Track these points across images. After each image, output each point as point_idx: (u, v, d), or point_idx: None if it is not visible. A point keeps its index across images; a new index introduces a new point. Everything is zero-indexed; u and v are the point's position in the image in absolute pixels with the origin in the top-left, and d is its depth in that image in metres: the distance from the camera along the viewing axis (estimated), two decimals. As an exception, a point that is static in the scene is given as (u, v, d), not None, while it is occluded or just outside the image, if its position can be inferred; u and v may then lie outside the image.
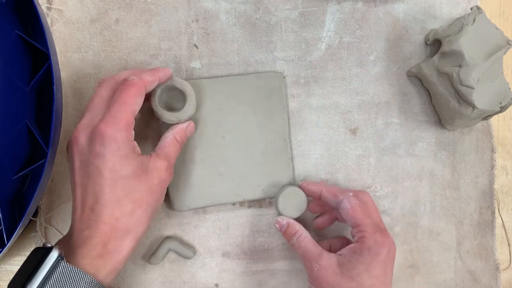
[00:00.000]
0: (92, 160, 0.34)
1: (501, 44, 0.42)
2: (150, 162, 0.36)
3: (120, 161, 0.34)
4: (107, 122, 0.34)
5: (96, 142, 0.34)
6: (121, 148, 0.34)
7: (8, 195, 0.35)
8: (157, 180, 0.36)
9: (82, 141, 0.35)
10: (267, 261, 0.46)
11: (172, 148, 0.39)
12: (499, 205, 0.50)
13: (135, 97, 0.36)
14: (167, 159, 0.38)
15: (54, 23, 0.44)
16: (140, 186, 0.35)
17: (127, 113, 0.35)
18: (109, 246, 0.34)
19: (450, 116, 0.45)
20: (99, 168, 0.34)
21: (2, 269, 0.45)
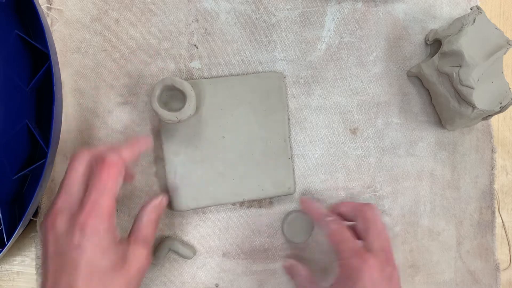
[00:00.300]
0: (69, 251, 0.32)
1: (501, 44, 0.42)
2: (129, 251, 0.34)
3: (100, 254, 0.32)
4: (89, 213, 0.32)
5: (75, 233, 0.32)
6: (102, 241, 0.33)
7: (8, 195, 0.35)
8: (136, 269, 0.34)
9: (60, 227, 0.32)
10: (267, 261, 0.46)
11: (149, 230, 0.37)
12: (499, 205, 0.50)
13: (115, 179, 0.34)
14: (146, 244, 0.36)
15: (54, 23, 0.44)
16: (118, 279, 0.33)
17: (109, 200, 0.33)
18: None
19: (450, 116, 0.45)
20: (75, 261, 0.31)
21: (2, 269, 0.45)
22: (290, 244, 0.47)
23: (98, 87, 0.45)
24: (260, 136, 0.45)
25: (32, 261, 0.45)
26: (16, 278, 0.45)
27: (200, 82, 0.44)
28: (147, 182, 0.45)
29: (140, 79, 0.45)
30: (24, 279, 0.45)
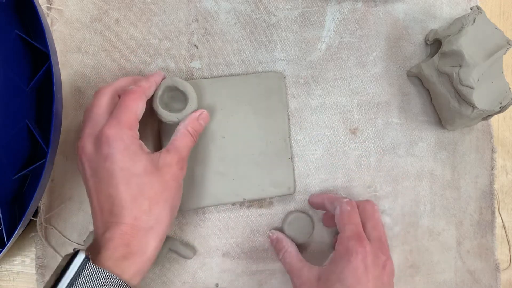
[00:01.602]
0: (102, 164, 0.34)
1: (501, 44, 0.42)
2: (160, 159, 0.36)
3: (130, 159, 0.34)
4: (111, 124, 0.35)
5: (103, 145, 0.34)
6: (129, 147, 0.34)
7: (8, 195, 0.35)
8: (169, 175, 0.36)
9: (89, 148, 0.35)
10: (267, 261, 0.46)
11: (184, 141, 0.38)
12: (499, 205, 0.50)
13: (137, 101, 0.36)
14: (178, 153, 0.37)
15: (54, 23, 0.44)
16: (154, 182, 0.35)
17: (130, 115, 0.36)
18: (132, 246, 0.33)
19: (450, 116, 0.45)
20: (110, 170, 0.34)
21: (2, 269, 0.45)
22: (290, 244, 0.47)
23: (98, 87, 0.45)
24: (260, 136, 0.45)
25: (32, 261, 0.45)
26: (16, 278, 0.45)
27: (200, 82, 0.44)
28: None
29: (140, 79, 0.45)
30: (24, 279, 0.45)
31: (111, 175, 0.34)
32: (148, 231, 0.34)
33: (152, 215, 0.34)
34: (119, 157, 0.34)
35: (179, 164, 0.37)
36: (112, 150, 0.34)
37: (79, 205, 0.44)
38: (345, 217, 0.38)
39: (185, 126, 0.39)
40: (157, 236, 0.35)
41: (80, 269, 0.31)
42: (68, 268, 0.31)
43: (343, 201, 0.40)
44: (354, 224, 0.38)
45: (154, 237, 0.35)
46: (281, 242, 0.43)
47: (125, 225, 0.33)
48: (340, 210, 0.39)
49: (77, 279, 0.30)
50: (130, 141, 0.35)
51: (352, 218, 0.38)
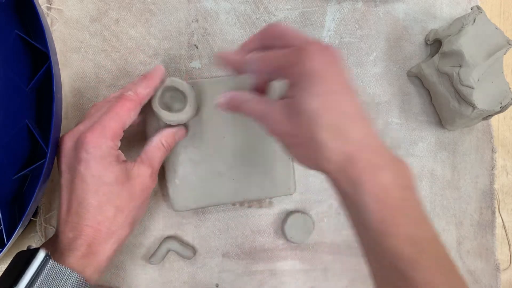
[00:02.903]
0: (77, 165, 0.35)
1: (501, 44, 0.42)
2: (134, 169, 0.37)
3: (103, 168, 0.35)
4: (94, 130, 0.35)
5: (81, 148, 0.34)
6: (105, 156, 0.35)
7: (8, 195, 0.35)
8: (140, 187, 0.37)
9: (68, 145, 0.36)
10: (267, 261, 0.46)
11: (157, 153, 0.39)
12: (499, 205, 0.50)
13: (129, 110, 0.36)
14: (151, 165, 0.38)
15: (54, 23, 0.44)
16: (122, 192, 0.36)
17: (116, 123, 0.36)
18: (93, 247, 0.34)
19: (450, 116, 0.45)
20: (82, 174, 0.34)
21: (2, 269, 0.45)
22: (290, 244, 0.47)
23: (98, 87, 0.45)
24: (260, 136, 0.45)
25: (32, 261, 0.45)
26: (16, 278, 0.45)
27: (200, 82, 0.44)
28: (147, 182, 0.45)
29: (140, 79, 0.45)
30: (24, 279, 0.45)
31: (82, 179, 0.34)
32: (109, 236, 0.35)
33: (115, 222, 0.35)
34: (93, 164, 0.34)
35: (151, 176, 0.38)
36: (87, 156, 0.34)
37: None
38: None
39: (160, 139, 0.39)
40: (118, 241, 0.36)
41: (41, 267, 0.31)
42: (29, 266, 0.31)
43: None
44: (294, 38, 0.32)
45: (114, 241, 0.36)
46: (235, 99, 0.36)
47: (88, 228, 0.34)
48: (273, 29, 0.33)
49: (37, 277, 0.31)
50: (108, 151, 0.35)
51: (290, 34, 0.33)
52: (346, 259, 0.47)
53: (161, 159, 0.39)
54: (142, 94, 0.38)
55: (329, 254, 0.47)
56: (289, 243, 0.46)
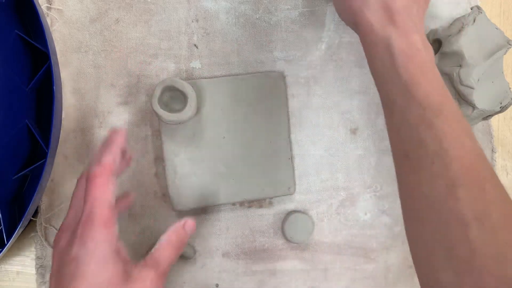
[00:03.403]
0: (68, 264, 0.31)
1: (501, 44, 0.42)
2: (135, 271, 0.32)
3: (97, 266, 0.30)
4: (84, 224, 0.31)
5: (74, 244, 0.31)
6: (100, 249, 0.31)
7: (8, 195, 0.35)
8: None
9: (63, 242, 0.32)
10: (267, 261, 0.46)
11: (165, 254, 0.34)
12: (499, 205, 0.50)
13: (103, 188, 0.33)
14: (155, 268, 0.33)
15: (54, 23, 0.44)
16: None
17: (102, 209, 0.32)
18: None
19: (450, 116, 0.45)
20: (73, 274, 0.30)
21: (2, 269, 0.45)
22: (290, 244, 0.47)
23: (98, 87, 0.45)
24: (260, 136, 0.45)
25: (32, 261, 0.45)
26: (16, 278, 0.45)
27: (200, 82, 0.44)
28: (147, 182, 0.45)
29: (140, 79, 0.45)
30: (24, 279, 0.45)
31: (72, 279, 0.30)
32: None
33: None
34: (86, 261, 0.30)
35: (154, 281, 0.32)
36: (80, 251, 0.31)
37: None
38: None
39: (168, 236, 0.35)
40: None
41: None
42: None
43: None
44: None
45: None
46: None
47: None
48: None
49: None
50: (103, 243, 0.31)
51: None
52: (346, 259, 0.47)
53: (170, 258, 0.34)
54: (108, 163, 0.34)
55: (329, 254, 0.47)
56: (289, 243, 0.47)
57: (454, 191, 0.29)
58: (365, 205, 0.47)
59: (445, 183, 0.29)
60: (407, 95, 0.32)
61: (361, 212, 0.47)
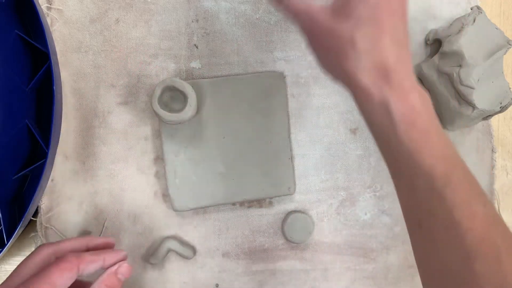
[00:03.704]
0: None
1: (501, 44, 0.42)
2: None
3: None
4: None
5: None
6: None
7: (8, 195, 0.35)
8: None
9: None
10: (267, 261, 0.46)
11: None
12: (500, 205, 0.50)
13: (65, 278, 0.31)
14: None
15: (54, 23, 0.44)
16: None
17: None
18: None
19: (451, 116, 0.45)
20: None
21: (2, 269, 0.45)
22: (290, 244, 0.47)
23: (98, 87, 0.45)
24: (260, 136, 0.45)
25: (32, 261, 0.45)
26: (16, 278, 0.45)
27: (200, 82, 0.44)
28: (147, 182, 0.45)
29: (140, 79, 0.45)
30: (24, 279, 0.45)
31: None
32: None
33: None
34: None
35: None
36: None
37: (79, 205, 0.44)
38: None
39: (99, 284, 0.33)
40: None
41: None
42: None
43: None
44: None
45: None
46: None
47: None
48: None
49: None
50: None
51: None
52: (346, 259, 0.47)
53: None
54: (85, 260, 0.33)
55: (329, 254, 0.47)
56: (289, 243, 0.47)
57: (471, 264, 0.29)
58: (365, 205, 0.47)
59: (460, 255, 0.29)
60: (412, 164, 0.30)
61: (361, 212, 0.47)
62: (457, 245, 0.29)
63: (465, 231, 0.29)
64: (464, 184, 0.30)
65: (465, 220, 0.29)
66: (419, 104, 0.30)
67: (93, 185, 0.44)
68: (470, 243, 0.28)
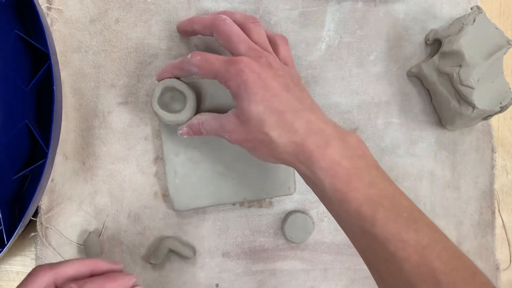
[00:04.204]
0: None
1: (501, 44, 0.42)
2: None
3: None
4: None
5: None
6: None
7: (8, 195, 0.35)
8: None
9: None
10: (267, 261, 0.46)
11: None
12: (500, 205, 0.50)
13: None
14: None
15: (54, 23, 0.44)
16: None
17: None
18: None
19: (451, 116, 0.45)
20: None
21: (2, 269, 0.45)
22: (290, 244, 0.47)
23: (98, 87, 0.45)
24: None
25: (32, 261, 0.45)
26: (16, 278, 0.45)
27: (200, 82, 0.44)
28: (147, 182, 0.45)
29: (140, 79, 0.45)
30: (24, 279, 0.45)
31: None
32: None
33: None
34: None
35: None
36: None
37: (79, 205, 0.44)
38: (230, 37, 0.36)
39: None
40: None
41: None
42: None
43: (221, 18, 0.37)
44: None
45: None
46: (193, 125, 0.39)
47: None
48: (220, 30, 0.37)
49: None
50: None
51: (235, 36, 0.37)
52: (346, 259, 0.47)
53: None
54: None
55: (329, 254, 0.47)
56: (289, 243, 0.47)
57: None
58: (365, 205, 0.47)
59: (404, 285, 0.31)
60: (343, 212, 0.33)
61: (361, 212, 0.47)
62: (399, 276, 0.31)
63: (401, 261, 0.31)
64: (391, 218, 0.32)
65: (399, 252, 0.31)
66: (338, 155, 0.33)
67: (93, 185, 0.44)
68: (409, 272, 0.30)
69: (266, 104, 0.34)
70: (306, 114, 0.35)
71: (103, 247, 0.45)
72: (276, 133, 0.34)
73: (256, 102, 0.34)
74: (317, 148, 0.33)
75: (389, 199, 0.33)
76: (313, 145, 0.33)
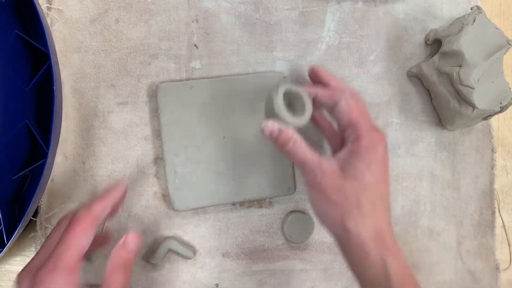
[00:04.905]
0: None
1: (501, 44, 0.42)
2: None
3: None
4: (48, 266, 0.31)
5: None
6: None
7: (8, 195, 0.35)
8: None
9: (24, 285, 0.32)
10: (267, 261, 0.46)
11: (114, 279, 0.33)
12: (499, 205, 0.50)
13: (82, 235, 0.33)
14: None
15: (54, 23, 0.44)
16: None
17: (71, 255, 0.32)
18: None
19: (451, 116, 0.45)
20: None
21: (2, 269, 0.45)
22: (290, 244, 0.47)
23: (98, 87, 0.45)
24: (260, 136, 0.45)
25: (32, 261, 0.45)
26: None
27: (200, 82, 0.44)
28: (147, 182, 0.45)
29: (140, 79, 0.45)
30: (24, 279, 0.45)
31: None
32: None
33: None
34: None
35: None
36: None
37: (79, 205, 0.44)
38: (355, 111, 0.38)
39: (111, 262, 0.34)
40: None
41: None
42: None
43: (347, 94, 0.39)
44: (364, 117, 0.38)
45: None
46: (287, 132, 0.37)
47: None
48: (347, 105, 0.38)
49: None
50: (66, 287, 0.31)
51: (361, 111, 0.38)
52: (346, 259, 0.47)
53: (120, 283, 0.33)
54: (95, 212, 0.34)
55: (329, 254, 0.47)
56: (289, 243, 0.47)
57: None
58: (365, 205, 0.47)
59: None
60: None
61: (361, 212, 0.47)
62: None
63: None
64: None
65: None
66: (406, 263, 0.36)
67: (93, 185, 0.44)
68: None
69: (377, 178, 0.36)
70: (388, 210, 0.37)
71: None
72: (369, 206, 0.35)
73: (376, 175, 0.36)
74: (394, 249, 0.36)
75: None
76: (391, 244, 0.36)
